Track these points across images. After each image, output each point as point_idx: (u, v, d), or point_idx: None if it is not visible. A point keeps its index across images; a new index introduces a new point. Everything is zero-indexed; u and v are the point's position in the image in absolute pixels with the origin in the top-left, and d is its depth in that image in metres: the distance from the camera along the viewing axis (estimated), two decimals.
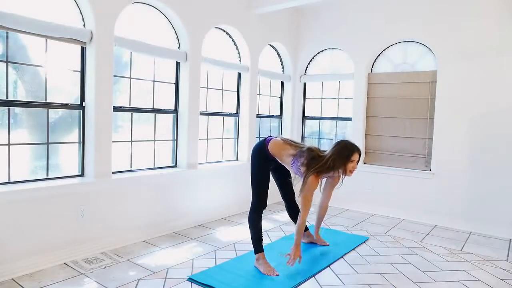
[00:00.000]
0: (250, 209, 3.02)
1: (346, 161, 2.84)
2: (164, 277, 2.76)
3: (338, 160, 2.82)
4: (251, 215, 3.00)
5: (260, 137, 5.26)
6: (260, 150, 3.03)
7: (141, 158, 3.78)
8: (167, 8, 3.72)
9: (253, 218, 2.98)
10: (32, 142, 2.98)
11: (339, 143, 2.91)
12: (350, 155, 2.85)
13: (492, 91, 4.11)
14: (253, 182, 3.02)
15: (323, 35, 5.36)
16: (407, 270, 3.07)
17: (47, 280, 2.64)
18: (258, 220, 2.99)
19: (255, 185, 3.01)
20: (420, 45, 4.66)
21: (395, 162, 4.85)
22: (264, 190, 3.00)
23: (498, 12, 4.09)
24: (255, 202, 3.00)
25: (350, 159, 2.85)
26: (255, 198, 3.00)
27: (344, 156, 2.84)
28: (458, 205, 4.35)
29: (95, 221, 3.20)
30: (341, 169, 2.86)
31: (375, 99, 5.00)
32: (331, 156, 2.82)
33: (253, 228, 2.98)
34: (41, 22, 2.81)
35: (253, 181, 3.02)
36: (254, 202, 3.00)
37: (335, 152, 2.84)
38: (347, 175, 2.91)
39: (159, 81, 3.90)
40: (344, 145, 2.88)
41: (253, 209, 3.00)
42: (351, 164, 2.86)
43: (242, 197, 4.68)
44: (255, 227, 2.98)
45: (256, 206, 2.99)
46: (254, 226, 2.98)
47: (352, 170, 2.88)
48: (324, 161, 2.81)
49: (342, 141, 2.94)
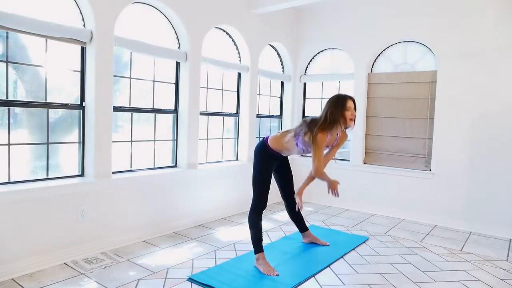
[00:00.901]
0: (250, 209, 3.02)
1: (343, 110, 2.86)
2: (164, 277, 2.76)
3: (335, 111, 2.85)
4: (251, 215, 3.00)
5: (260, 137, 5.27)
6: (261, 148, 3.05)
7: (141, 158, 3.78)
8: (167, 8, 3.72)
9: (253, 218, 2.99)
10: (32, 142, 2.98)
11: (331, 98, 2.96)
12: (345, 103, 2.88)
13: (492, 91, 4.11)
14: (255, 182, 3.03)
15: (323, 35, 5.36)
16: (407, 270, 3.07)
17: (47, 280, 2.64)
18: (258, 220, 2.99)
19: (257, 184, 3.01)
20: (420, 45, 4.66)
21: (395, 162, 4.85)
22: (265, 190, 3.01)
23: (498, 12, 4.09)
24: (256, 202, 3.00)
25: (346, 107, 2.87)
26: (256, 198, 3.01)
27: (339, 106, 2.87)
28: (458, 205, 4.35)
29: (95, 221, 3.20)
30: (341, 120, 2.86)
31: (375, 99, 5.00)
32: (327, 111, 2.86)
33: (253, 228, 2.99)
34: (41, 22, 2.81)
35: (255, 180, 3.03)
36: (255, 202, 3.01)
37: (329, 106, 2.89)
38: (349, 125, 2.91)
39: (159, 81, 3.90)
40: (336, 97, 2.94)
41: (253, 209, 3.00)
42: (348, 112, 2.88)
43: (242, 197, 4.68)
44: (255, 227, 2.98)
45: (256, 206, 2.99)
46: (254, 226, 2.98)
47: (352, 117, 2.89)
48: (323, 117, 2.86)
49: (334, 95, 2.98)
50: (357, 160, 5.09)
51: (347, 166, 5.18)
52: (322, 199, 5.35)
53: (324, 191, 5.03)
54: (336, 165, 5.24)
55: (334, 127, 2.87)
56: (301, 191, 3.21)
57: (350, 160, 5.18)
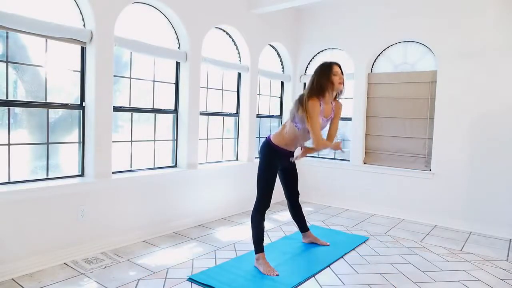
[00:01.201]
0: (254, 209, 3.01)
1: (329, 76, 2.88)
2: (164, 277, 2.76)
3: (322, 78, 2.87)
4: (254, 215, 2.99)
5: (260, 137, 5.28)
6: (266, 146, 3.03)
7: (141, 158, 3.78)
8: (167, 8, 3.72)
9: (256, 218, 2.98)
10: (32, 142, 2.98)
11: (316, 68, 2.98)
12: (330, 68, 2.91)
13: (492, 91, 4.11)
14: (259, 181, 3.01)
15: (323, 35, 5.36)
16: (407, 270, 3.07)
17: (47, 280, 2.64)
18: (261, 220, 2.98)
19: (261, 184, 3.00)
20: (420, 45, 4.66)
21: (395, 162, 4.85)
22: (269, 190, 2.99)
23: (498, 12, 4.09)
24: (259, 202, 2.98)
25: (332, 72, 2.89)
26: (260, 197, 2.99)
27: (325, 72, 2.90)
28: (458, 205, 4.35)
29: (95, 221, 3.20)
30: (329, 86, 2.87)
31: (375, 99, 5.00)
32: (313, 79, 2.90)
33: (255, 228, 2.98)
34: (41, 22, 2.81)
35: (259, 180, 3.01)
36: (258, 202, 2.99)
37: (315, 74, 2.93)
38: (339, 88, 2.92)
39: (159, 81, 3.90)
40: (321, 65, 2.97)
41: (256, 209, 2.99)
42: (336, 77, 2.89)
43: (242, 197, 4.68)
44: (257, 227, 2.97)
45: (259, 206, 2.98)
46: (257, 226, 2.97)
47: (341, 81, 2.91)
48: (310, 85, 2.89)
49: (319, 64, 3.00)
50: (357, 160, 5.09)
51: (347, 166, 5.18)
52: (322, 199, 5.36)
53: (324, 191, 5.02)
54: (336, 164, 5.27)
55: (324, 94, 2.88)
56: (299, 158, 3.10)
57: (350, 160, 5.18)
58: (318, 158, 5.53)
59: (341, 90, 2.95)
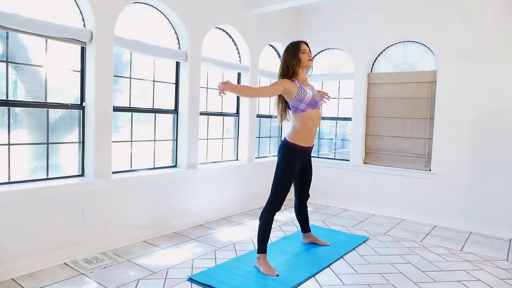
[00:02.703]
0: (264, 209, 2.97)
1: (297, 54, 2.95)
2: (164, 277, 2.76)
3: (290, 57, 2.96)
4: (264, 215, 2.96)
5: (260, 137, 5.30)
6: (285, 147, 2.99)
7: (141, 158, 3.78)
8: (167, 8, 3.72)
9: (265, 218, 2.95)
10: (32, 142, 2.98)
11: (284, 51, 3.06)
12: (297, 47, 2.97)
13: (492, 91, 4.11)
14: (276, 182, 2.95)
15: (323, 35, 5.36)
16: (407, 270, 3.07)
17: (47, 280, 2.64)
18: (270, 221, 2.96)
19: (277, 184, 2.94)
20: (420, 45, 4.66)
21: (395, 162, 4.85)
22: (284, 192, 2.95)
23: (498, 12, 4.09)
24: (271, 202, 2.95)
25: (300, 49, 2.96)
26: (273, 198, 2.95)
27: (292, 51, 2.97)
28: (458, 205, 4.35)
29: (95, 221, 3.20)
30: (298, 63, 2.94)
31: (375, 99, 5.00)
32: (282, 60, 3.00)
33: (262, 228, 2.96)
34: (41, 22, 2.81)
35: (276, 181, 2.95)
36: (270, 202, 2.95)
37: (283, 55, 3.01)
38: (307, 65, 2.99)
39: (159, 81, 3.90)
40: (288, 45, 3.04)
41: (267, 209, 2.96)
42: (304, 55, 2.96)
43: (242, 197, 4.69)
44: (265, 228, 2.96)
45: (271, 207, 2.95)
46: (264, 227, 2.96)
47: (310, 58, 2.98)
48: (280, 67, 3.00)
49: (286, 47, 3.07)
50: (357, 160, 5.09)
51: (347, 166, 5.18)
52: (322, 199, 5.36)
53: (324, 191, 5.02)
54: (336, 164, 5.27)
55: (297, 73, 2.95)
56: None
57: (350, 160, 5.18)
58: (318, 158, 5.53)
59: (311, 66, 3.04)
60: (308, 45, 3.03)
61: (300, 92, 2.88)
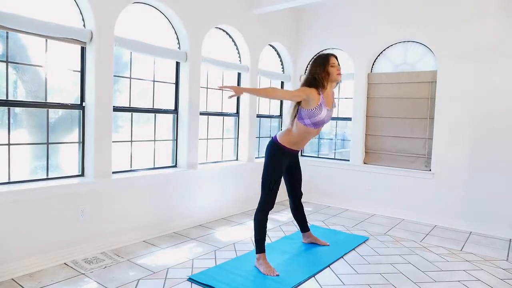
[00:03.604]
0: (257, 209, 2.99)
1: (326, 67, 2.91)
2: (164, 277, 2.76)
3: (318, 70, 2.90)
4: (257, 215, 2.98)
5: (260, 137, 5.29)
6: (272, 146, 3.02)
7: (141, 158, 3.78)
8: (167, 8, 3.72)
9: (259, 218, 2.96)
10: (32, 142, 2.98)
11: (312, 60, 3.02)
12: (326, 59, 2.93)
13: (492, 91, 4.11)
14: (264, 181, 2.98)
15: (323, 35, 5.36)
16: (407, 270, 3.07)
17: (47, 280, 2.64)
18: (264, 220, 2.97)
19: (266, 183, 2.97)
20: (420, 45, 4.66)
21: (395, 162, 4.85)
22: (274, 190, 2.97)
23: (498, 12, 4.09)
24: (263, 202, 2.97)
25: (329, 62, 2.92)
26: (264, 197, 2.97)
27: (322, 64, 2.92)
28: (458, 205, 4.35)
29: (95, 221, 3.20)
30: (326, 76, 2.90)
31: (375, 99, 5.00)
32: (310, 71, 2.96)
33: (258, 228, 2.97)
34: (41, 22, 2.81)
35: (265, 180, 2.98)
36: (262, 202, 2.97)
37: (312, 66, 2.97)
38: (336, 79, 2.95)
39: (159, 81, 3.90)
40: (317, 56, 3.01)
41: (260, 209, 2.97)
42: (333, 68, 2.92)
43: (242, 197, 4.68)
44: (260, 227, 2.96)
45: (263, 206, 2.96)
46: (259, 227, 2.96)
47: (339, 72, 2.94)
48: (307, 76, 2.95)
49: (315, 57, 3.04)
50: (357, 160, 5.09)
51: (347, 166, 5.18)
52: (322, 199, 5.36)
53: (324, 191, 5.02)
54: (336, 164, 5.27)
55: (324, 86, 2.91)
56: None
57: (350, 160, 5.18)
58: (318, 158, 5.53)
59: (340, 80, 3.00)
60: (337, 58, 2.98)
61: (316, 109, 2.86)
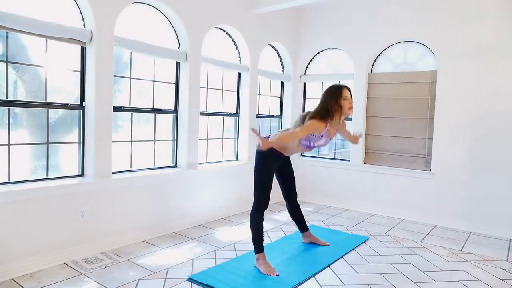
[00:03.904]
0: (252, 209, 3.01)
1: (338, 100, 2.89)
2: (164, 277, 2.76)
3: (331, 101, 2.89)
4: (253, 215, 2.99)
5: None
6: None
7: (141, 158, 3.78)
8: (167, 8, 3.72)
9: (255, 218, 2.98)
10: (32, 142, 2.98)
11: (326, 90, 3.00)
12: (340, 92, 2.92)
13: (492, 91, 4.11)
14: (256, 182, 3.01)
15: (323, 35, 5.36)
16: (407, 270, 3.07)
17: (47, 280, 2.64)
18: (260, 220, 2.98)
19: (258, 185, 3.00)
20: (420, 45, 4.66)
21: (395, 162, 4.85)
22: (266, 190, 2.99)
23: (498, 12, 4.09)
24: (257, 202, 2.99)
25: (342, 96, 2.90)
26: (258, 197, 2.99)
27: (334, 95, 2.91)
28: (458, 205, 4.35)
29: (95, 221, 3.20)
30: (338, 109, 2.89)
31: (375, 99, 5.00)
32: (323, 101, 2.93)
33: (254, 228, 2.98)
34: (41, 22, 2.81)
35: (256, 180, 3.01)
36: (256, 202, 2.99)
37: (325, 96, 2.95)
38: (347, 113, 2.95)
39: (159, 81, 3.90)
40: (331, 87, 2.99)
41: (254, 209, 2.99)
42: (345, 101, 2.91)
43: (242, 197, 4.68)
44: (256, 227, 2.97)
45: (258, 206, 2.98)
46: (256, 226, 2.97)
47: (350, 106, 2.94)
48: (319, 107, 2.91)
49: (329, 87, 3.01)
50: (357, 160, 5.09)
51: (347, 166, 5.18)
52: (322, 199, 5.36)
53: (324, 191, 5.02)
54: (336, 164, 5.27)
55: (333, 117, 2.90)
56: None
57: (350, 160, 5.18)
58: (318, 158, 5.53)
59: (350, 114, 3.00)
60: (350, 91, 2.97)
61: (317, 137, 2.90)
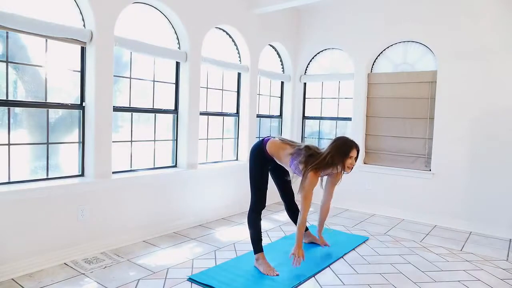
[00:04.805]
0: (249, 209, 3.02)
1: (344, 157, 2.83)
2: (164, 277, 2.76)
3: (336, 156, 2.82)
4: (250, 215, 3.00)
5: (260, 137, 5.26)
6: (258, 150, 3.03)
7: (141, 158, 3.78)
8: (167, 8, 3.72)
9: (253, 218, 2.98)
10: (32, 142, 2.98)
11: (337, 139, 2.92)
12: (348, 151, 2.84)
13: (492, 91, 4.11)
14: (252, 182, 3.02)
15: (323, 35, 5.36)
16: (407, 270, 3.07)
17: (47, 280, 2.64)
18: (258, 220, 2.99)
19: (254, 185, 3.01)
20: (420, 45, 4.66)
21: (395, 162, 4.85)
22: (263, 190, 3.00)
23: (498, 12, 4.09)
24: (254, 202, 2.99)
25: (349, 155, 2.84)
26: (254, 198, 3.00)
27: (342, 152, 2.83)
28: (458, 205, 4.35)
29: (95, 221, 3.20)
30: (339, 165, 2.85)
31: (375, 99, 5.00)
32: (329, 153, 2.82)
33: (252, 228, 2.98)
34: (41, 22, 2.80)
35: (252, 181, 3.02)
36: (253, 202, 3.00)
37: (333, 148, 2.85)
38: (345, 171, 2.91)
39: (159, 81, 3.90)
40: (343, 142, 2.89)
41: (252, 209, 3.00)
42: (349, 160, 2.85)
43: (242, 197, 4.68)
44: (254, 227, 2.98)
45: (255, 206, 2.99)
46: (254, 226, 2.98)
47: (351, 166, 2.87)
48: (323, 157, 2.81)
49: (341, 138, 2.94)
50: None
51: None
52: None
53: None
54: None
55: (330, 168, 2.88)
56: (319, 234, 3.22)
57: None
58: None
59: (347, 172, 2.94)
60: (358, 151, 2.90)
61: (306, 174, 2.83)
